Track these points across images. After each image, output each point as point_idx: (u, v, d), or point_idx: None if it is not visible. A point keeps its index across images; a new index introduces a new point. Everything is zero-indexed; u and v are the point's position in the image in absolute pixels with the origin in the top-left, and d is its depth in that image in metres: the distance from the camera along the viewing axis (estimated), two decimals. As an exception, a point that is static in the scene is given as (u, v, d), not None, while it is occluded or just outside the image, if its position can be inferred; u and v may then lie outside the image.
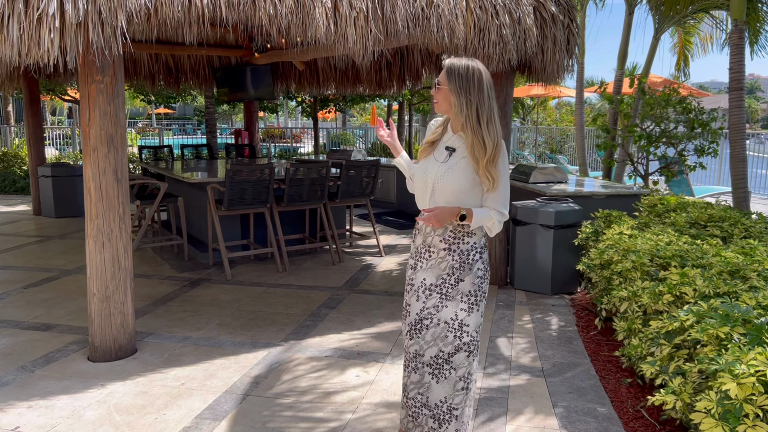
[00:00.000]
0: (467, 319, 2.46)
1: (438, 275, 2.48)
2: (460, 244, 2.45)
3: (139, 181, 6.46)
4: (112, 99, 3.65)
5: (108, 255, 3.75)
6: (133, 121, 39.09)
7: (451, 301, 2.46)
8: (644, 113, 7.20)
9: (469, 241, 2.46)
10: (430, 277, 2.50)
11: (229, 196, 5.64)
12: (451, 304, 2.46)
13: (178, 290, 5.30)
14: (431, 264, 2.50)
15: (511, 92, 5.37)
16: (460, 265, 2.45)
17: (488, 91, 2.41)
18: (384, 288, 5.40)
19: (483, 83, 2.39)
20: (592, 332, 4.27)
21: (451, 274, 2.46)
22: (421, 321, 2.51)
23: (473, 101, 2.36)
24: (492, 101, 2.42)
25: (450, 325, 2.46)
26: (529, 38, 4.83)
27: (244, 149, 9.70)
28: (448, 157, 2.45)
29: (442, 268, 2.47)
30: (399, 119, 15.85)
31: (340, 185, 6.36)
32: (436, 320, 2.48)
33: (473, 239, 2.46)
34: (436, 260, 2.49)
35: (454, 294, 2.46)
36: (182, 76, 9.79)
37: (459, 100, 2.36)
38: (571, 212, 5.18)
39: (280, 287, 5.42)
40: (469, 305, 2.46)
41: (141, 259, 6.40)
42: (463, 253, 2.45)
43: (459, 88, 2.35)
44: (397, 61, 7.57)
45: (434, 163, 2.47)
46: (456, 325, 2.46)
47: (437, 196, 2.45)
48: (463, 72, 2.36)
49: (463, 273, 2.45)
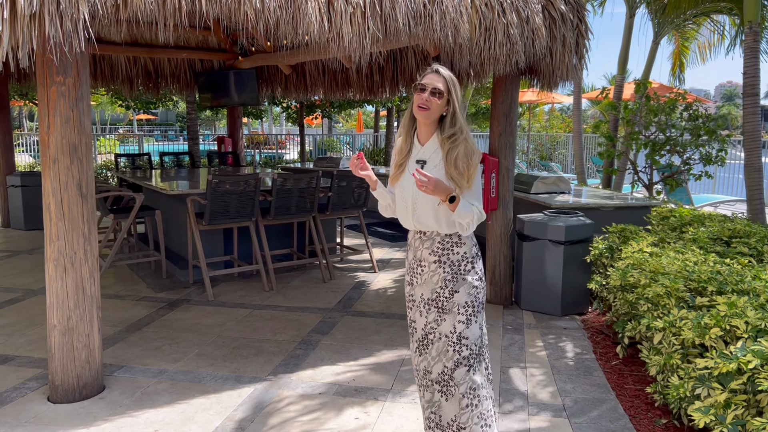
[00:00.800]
0: (466, 332, 2.42)
1: (432, 289, 2.45)
2: (450, 255, 2.42)
3: (113, 193, 5.97)
4: (76, 103, 3.19)
5: (71, 281, 3.28)
6: (113, 127, 38.32)
7: (448, 314, 2.42)
8: (649, 120, 6.87)
9: (459, 251, 2.43)
10: (426, 292, 2.47)
11: (210, 209, 5.18)
12: (448, 317, 2.42)
13: (154, 313, 4.83)
14: (425, 278, 2.47)
15: (516, 97, 4.99)
16: (453, 276, 2.42)
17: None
18: (380, 309, 4.98)
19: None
20: (613, 361, 3.88)
21: (444, 286, 2.43)
22: (426, 336, 2.48)
23: (462, 110, 2.44)
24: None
25: (449, 338, 2.42)
26: (538, 39, 4.46)
27: (228, 157, 9.24)
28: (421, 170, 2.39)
29: (435, 281, 2.44)
30: (387, 126, 15.46)
31: (331, 196, 5.93)
32: (438, 335, 2.44)
33: (463, 249, 2.43)
34: (429, 274, 2.46)
35: (450, 307, 2.42)
36: (162, 80, 9.31)
37: (456, 108, 2.40)
38: (582, 227, 4.80)
39: (266, 309, 4.97)
40: (467, 317, 2.42)
41: (115, 276, 5.90)
42: (454, 264, 2.42)
43: (458, 97, 2.41)
44: (390, 65, 7.17)
45: (409, 179, 2.44)
46: (455, 338, 2.42)
47: (419, 211, 2.44)
48: (456, 82, 2.42)
49: (456, 284, 2.41)
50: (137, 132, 33.48)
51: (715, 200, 10.43)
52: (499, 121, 4.96)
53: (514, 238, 5.17)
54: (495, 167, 4.91)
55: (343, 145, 21.05)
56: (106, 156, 14.58)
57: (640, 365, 3.77)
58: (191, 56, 8.94)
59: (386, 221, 9.18)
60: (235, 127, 9.78)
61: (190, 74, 9.39)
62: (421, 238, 2.49)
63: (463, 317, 2.41)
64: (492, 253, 5.10)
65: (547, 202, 5.71)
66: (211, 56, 9.03)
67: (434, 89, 2.35)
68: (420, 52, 6.63)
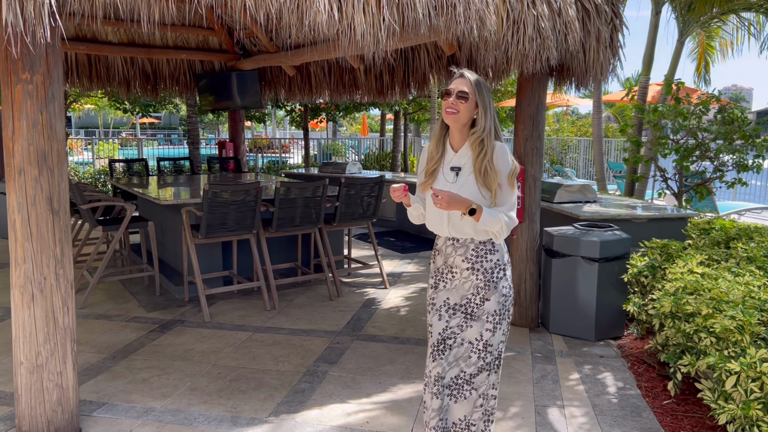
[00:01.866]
0: (491, 339, 2.43)
1: (462, 295, 2.45)
2: (483, 262, 2.41)
3: (104, 203, 5.53)
4: (45, 104, 2.74)
5: (40, 311, 2.82)
6: (116, 131, 38.00)
7: (476, 321, 2.43)
8: (679, 124, 6.39)
9: (492, 259, 2.41)
10: (454, 297, 2.46)
11: (207, 221, 4.73)
12: (476, 324, 2.43)
13: (144, 337, 4.37)
14: (455, 284, 2.46)
15: (543, 99, 4.52)
16: (485, 284, 2.41)
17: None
18: (393, 332, 4.51)
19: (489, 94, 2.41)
20: (663, 399, 3.39)
21: (476, 293, 2.42)
22: (444, 341, 2.47)
23: (493, 116, 2.37)
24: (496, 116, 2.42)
25: (474, 345, 2.43)
26: (571, 33, 3.99)
27: (229, 162, 8.79)
28: (455, 177, 2.41)
29: (467, 288, 2.44)
30: (394, 129, 15.00)
31: (339, 206, 5.47)
32: (460, 340, 2.45)
33: (496, 256, 2.42)
34: (460, 280, 2.45)
35: (479, 314, 2.42)
36: (161, 82, 8.88)
37: (485, 113, 2.35)
38: (618, 242, 4.32)
39: (268, 332, 4.50)
40: (494, 325, 2.42)
41: (105, 293, 5.45)
42: (487, 271, 2.40)
43: (486, 101, 2.36)
44: (400, 64, 6.72)
45: (443, 187, 2.40)
46: (481, 345, 2.43)
47: (455, 219, 2.40)
48: (484, 85, 2.38)
49: (488, 292, 2.41)
50: (140, 136, 33.14)
51: (740, 208, 9.92)
52: (524, 124, 4.49)
53: (541, 253, 4.70)
54: (520, 175, 4.44)
55: (348, 149, 20.60)
56: (105, 161, 14.19)
57: (696, 405, 3.29)
58: (191, 57, 8.54)
59: (395, 230, 8.71)
60: (236, 131, 9.34)
61: (189, 76, 8.97)
62: (454, 245, 2.44)
63: (490, 325, 2.42)
64: (516, 270, 4.63)
65: (574, 213, 5.24)
66: (212, 57, 8.62)
67: (460, 92, 2.34)
68: (434, 50, 6.18)
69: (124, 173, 7.75)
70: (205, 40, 8.53)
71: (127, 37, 8.05)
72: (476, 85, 2.35)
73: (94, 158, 13.38)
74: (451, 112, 2.34)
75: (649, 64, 7.77)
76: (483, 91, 2.36)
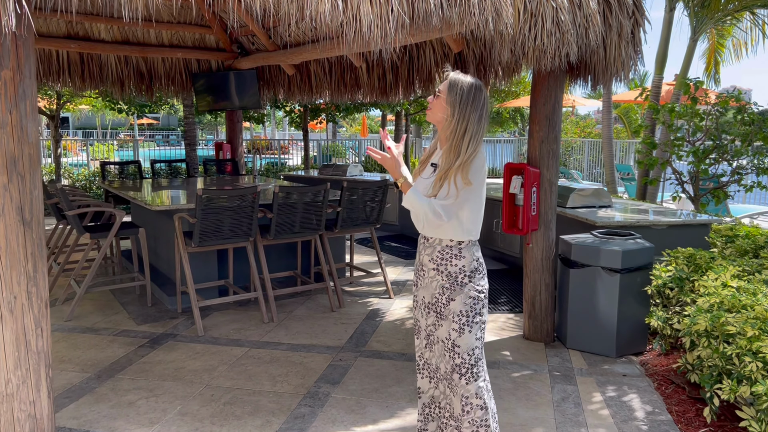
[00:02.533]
0: (458, 340, 2.43)
1: (432, 294, 2.49)
2: (448, 266, 2.43)
3: (92, 209, 5.23)
4: (15, 103, 2.45)
5: (10, 334, 2.53)
6: (114, 132, 37.68)
7: (444, 320, 2.45)
8: (696, 125, 6.10)
9: (458, 264, 2.42)
10: (427, 296, 2.52)
11: (201, 228, 4.44)
12: (444, 323, 2.46)
13: (132, 353, 4.07)
14: (425, 282, 2.51)
15: (560, 98, 4.23)
16: (450, 285, 2.43)
17: (483, 116, 2.38)
18: (399, 347, 4.22)
19: (480, 106, 2.37)
20: (699, 427, 3.10)
21: (442, 293, 2.45)
22: (428, 336, 2.55)
23: (465, 119, 2.35)
24: (482, 127, 2.38)
25: (445, 344, 2.46)
26: (592, 27, 3.71)
27: (226, 165, 8.50)
28: (431, 173, 2.48)
29: (434, 287, 2.48)
30: (396, 130, 14.71)
31: (340, 212, 5.18)
32: (437, 337, 2.50)
33: (462, 262, 2.42)
34: (428, 279, 2.50)
35: (446, 313, 2.44)
36: (156, 81, 8.59)
37: (453, 113, 2.36)
38: (641, 251, 4.03)
39: (265, 347, 4.21)
40: (459, 326, 2.42)
41: (93, 303, 5.15)
42: (451, 275, 2.43)
43: (457, 102, 2.36)
44: (405, 63, 6.43)
45: (421, 181, 2.50)
46: (450, 344, 2.45)
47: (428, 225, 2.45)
48: (465, 88, 2.37)
49: (453, 293, 2.42)
50: (138, 137, 32.78)
51: (752, 212, 9.64)
52: (540, 125, 4.20)
53: (556, 263, 4.41)
54: (536, 180, 4.16)
55: (348, 150, 20.31)
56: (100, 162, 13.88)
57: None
58: (187, 56, 8.26)
59: (398, 234, 8.42)
60: (234, 132, 9.05)
61: (186, 75, 8.68)
62: (424, 244, 2.51)
63: (456, 325, 2.42)
64: (531, 281, 4.34)
65: (590, 219, 4.95)
66: (209, 56, 8.34)
67: (437, 90, 2.43)
68: (440, 48, 5.89)
69: (118, 176, 7.45)
70: (202, 38, 8.25)
71: (120, 35, 7.78)
72: (450, 85, 2.38)
73: (89, 160, 13.08)
74: (429, 108, 2.48)
75: (662, 62, 7.49)
76: (455, 91, 2.36)
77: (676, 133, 6.34)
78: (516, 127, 23.31)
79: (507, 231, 4.28)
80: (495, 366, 3.90)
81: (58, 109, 11.22)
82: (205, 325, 4.64)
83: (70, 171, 11.99)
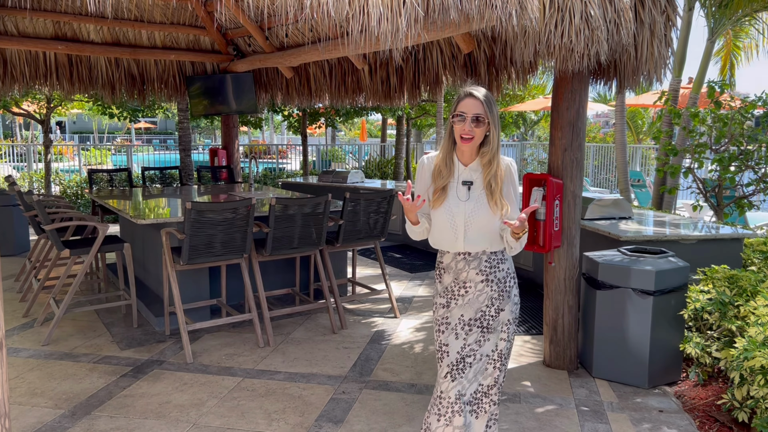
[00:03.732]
0: (506, 349, 2.42)
1: (477, 309, 2.41)
2: (497, 272, 2.41)
3: (75, 222, 4.84)
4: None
5: (-45, 380, 2.13)
6: (111, 136, 37.31)
7: (492, 333, 2.41)
8: (721, 131, 5.73)
9: (503, 268, 2.42)
10: (468, 312, 2.42)
11: (190, 245, 4.05)
12: (492, 336, 2.41)
13: (113, 384, 3.68)
14: (468, 299, 2.41)
15: (585, 102, 3.86)
16: (499, 294, 2.41)
17: None
18: (408, 377, 3.82)
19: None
20: (757, 479, 2.72)
21: (491, 305, 2.41)
22: (463, 359, 2.41)
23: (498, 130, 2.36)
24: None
25: (490, 357, 2.42)
26: (624, 23, 3.33)
27: (221, 171, 8.11)
28: (468, 192, 2.38)
29: (482, 301, 2.41)
30: (397, 135, 14.34)
31: (343, 224, 4.79)
32: (479, 356, 2.42)
33: (506, 264, 2.43)
34: (474, 294, 2.41)
35: (495, 325, 2.41)
36: (148, 85, 8.23)
37: (495, 130, 2.34)
38: (675, 271, 3.65)
39: (260, 376, 3.82)
40: (508, 334, 2.43)
41: (74, 325, 4.76)
42: (501, 281, 2.41)
43: (496, 117, 2.34)
44: (410, 65, 6.06)
45: (457, 203, 2.38)
46: (496, 356, 2.42)
47: (470, 233, 2.37)
48: (492, 100, 2.33)
49: (503, 302, 2.41)
50: (135, 141, 32.30)
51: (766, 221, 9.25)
52: (563, 131, 3.82)
53: (580, 282, 4.03)
54: (559, 192, 3.77)
55: (347, 155, 19.92)
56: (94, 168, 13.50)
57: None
58: (180, 58, 7.90)
59: (401, 244, 8.03)
60: (230, 137, 8.66)
61: (180, 78, 8.33)
62: (466, 259, 2.41)
63: (505, 335, 2.42)
64: (552, 302, 3.95)
65: (614, 233, 4.56)
66: (203, 58, 7.99)
67: (474, 116, 2.29)
68: (448, 48, 5.51)
69: (107, 184, 7.06)
70: (196, 39, 7.90)
71: (110, 36, 7.43)
72: (487, 105, 2.30)
73: (81, 165, 12.69)
74: (467, 139, 2.31)
75: (680, 64, 7.12)
76: (493, 107, 2.32)
77: (698, 138, 5.97)
78: (518, 131, 22.96)
79: (527, 248, 3.89)
80: (516, 399, 3.51)
81: (48, 113, 10.84)
82: (195, 350, 4.25)
83: (61, 177, 11.60)
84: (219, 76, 7.89)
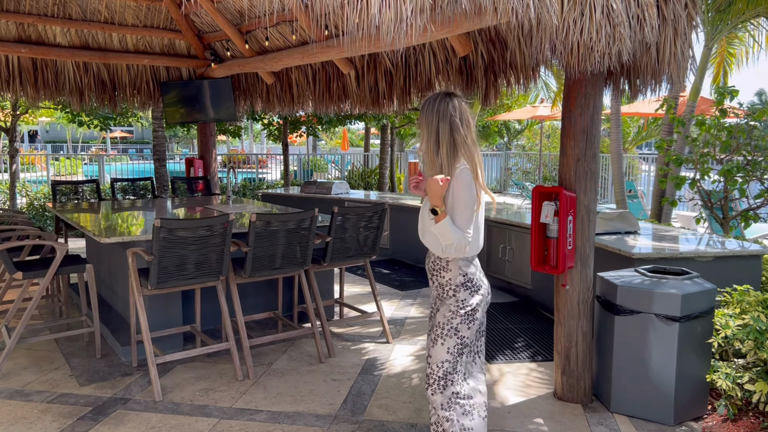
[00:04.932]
0: (431, 350, 2.51)
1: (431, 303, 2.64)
2: (437, 277, 2.53)
3: (30, 241, 4.35)
4: None
5: None
6: (86, 145, 36.40)
7: (431, 330, 2.55)
8: (727, 141, 5.45)
9: (445, 276, 2.49)
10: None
11: (159, 267, 3.60)
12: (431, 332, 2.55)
13: (68, 430, 3.20)
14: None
15: (599, 107, 3.50)
16: (438, 294, 2.54)
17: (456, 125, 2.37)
18: (407, 415, 3.40)
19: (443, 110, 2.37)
20: None
21: (434, 303, 2.59)
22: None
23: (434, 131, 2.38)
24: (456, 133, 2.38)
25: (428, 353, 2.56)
26: (648, 21, 2.99)
27: (197, 183, 7.64)
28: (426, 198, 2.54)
29: (432, 296, 2.60)
30: (381, 144, 13.97)
31: (330, 241, 4.37)
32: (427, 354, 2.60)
33: (448, 275, 2.49)
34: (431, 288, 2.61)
35: (433, 323, 2.54)
36: (120, 92, 7.75)
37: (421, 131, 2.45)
38: (702, 294, 3.30)
39: (239, 416, 3.37)
40: (435, 335, 2.50)
41: (29, 355, 4.25)
42: (440, 285, 2.52)
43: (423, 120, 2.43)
44: (400, 69, 5.68)
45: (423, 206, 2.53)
46: (427, 353, 2.55)
47: (426, 235, 2.51)
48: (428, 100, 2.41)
49: (440, 303, 2.54)
50: (111, 150, 31.46)
51: (766, 232, 9.04)
52: (576, 139, 3.46)
53: (594, 306, 3.66)
54: (572, 206, 3.41)
55: (330, 164, 19.49)
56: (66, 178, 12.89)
57: None
58: (154, 63, 7.45)
59: (389, 259, 7.61)
60: (207, 146, 8.20)
61: (154, 84, 7.86)
62: (427, 254, 2.58)
63: (433, 335, 2.51)
64: (565, 329, 3.57)
65: (624, 250, 4.22)
66: (179, 63, 7.54)
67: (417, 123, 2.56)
68: (442, 52, 5.15)
69: (73, 196, 6.54)
70: (171, 43, 7.45)
71: (79, 39, 6.96)
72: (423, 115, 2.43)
73: (49, 176, 12.08)
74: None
75: (679, 71, 6.86)
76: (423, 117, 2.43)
77: (702, 149, 5.68)
78: (501, 140, 22.76)
79: (537, 269, 3.52)
80: (529, 441, 3.11)
81: (14, 121, 10.26)
82: (165, 384, 3.78)
83: (28, 188, 11.00)
84: (196, 82, 7.45)
